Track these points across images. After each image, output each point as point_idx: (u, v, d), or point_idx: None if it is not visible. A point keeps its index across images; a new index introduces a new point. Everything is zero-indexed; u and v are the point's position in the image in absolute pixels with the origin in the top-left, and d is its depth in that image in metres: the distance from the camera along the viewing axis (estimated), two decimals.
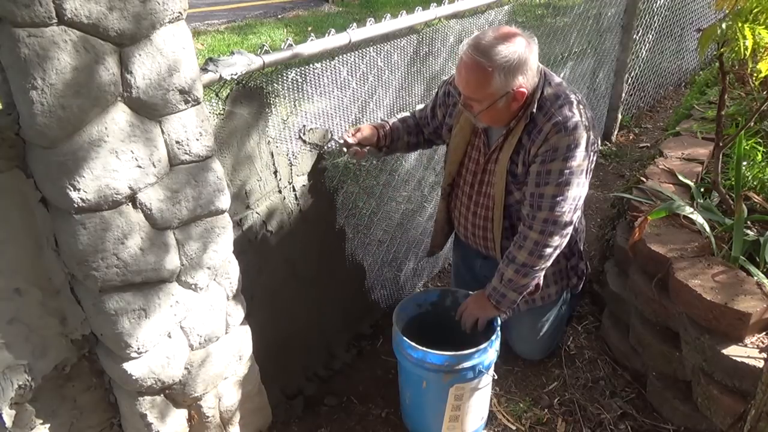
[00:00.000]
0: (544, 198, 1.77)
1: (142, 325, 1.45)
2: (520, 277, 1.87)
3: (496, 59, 1.62)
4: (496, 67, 1.63)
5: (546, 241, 1.80)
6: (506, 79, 1.65)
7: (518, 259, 1.85)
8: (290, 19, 7.79)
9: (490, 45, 1.63)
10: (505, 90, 1.68)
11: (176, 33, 1.30)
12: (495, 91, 1.67)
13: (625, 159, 3.96)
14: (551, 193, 1.76)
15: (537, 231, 1.80)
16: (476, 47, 1.64)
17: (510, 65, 1.63)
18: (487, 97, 1.69)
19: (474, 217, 2.06)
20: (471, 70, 1.67)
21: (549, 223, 1.78)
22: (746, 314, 1.69)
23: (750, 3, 1.78)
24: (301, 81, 1.83)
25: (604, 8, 3.49)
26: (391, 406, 2.20)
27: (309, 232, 2.08)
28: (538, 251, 1.82)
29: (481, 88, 1.68)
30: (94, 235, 1.29)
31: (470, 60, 1.66)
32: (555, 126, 1.73)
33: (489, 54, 1.63)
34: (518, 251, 1.85)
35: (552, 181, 1.75)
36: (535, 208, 1.80)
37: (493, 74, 1.64)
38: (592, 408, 2.12)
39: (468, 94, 1.74)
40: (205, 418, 1.74)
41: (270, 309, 2.01)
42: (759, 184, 2.31)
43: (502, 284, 1.90)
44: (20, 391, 1.38)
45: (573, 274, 2.16)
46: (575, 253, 2.12)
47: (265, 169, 1.83)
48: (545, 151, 1.75)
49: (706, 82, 3.74)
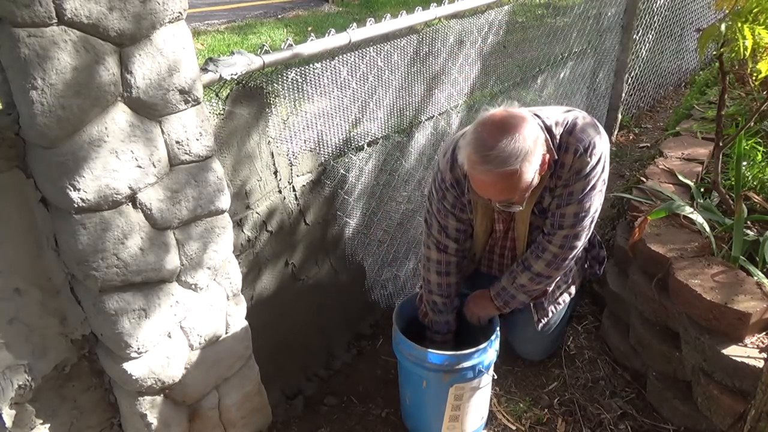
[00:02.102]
0: (566, 217, 1.75)
1: (142, 325, 1.45)
2: (533, 284, 1.88)
3: (517, 160, 1.50)
4: (521, 165, 1.51)
5: (565, 255, 1.81)
6: (532, 164, 1.54)
7: (534, 269, 1.85)
8: (290, 19, 7.79)
9: (502, 150, 1.49)
10: (536, 170, 1.58)
11: (176, 33, 1.30)
12: (529, 179, 1.56)
13: (625, 159, 3.96)
14: (573, 212, 1.74)
15: (557, 246, 1.80)
16: (491, 160, 1.50)
17: (529, 153, 1.51)
18: (525, 188, 1.59)
19: (500, 258, 2.03)
20: (500, 181, 1.55)
21: (569, 238, 1.78)
22: (746, 314, 1.69)
23: (750, 3, 1.78)
24: (301, 81, 1.83)
25: (604, 8, 3.49)
26: (391, 406, 2.20)
27: (309, 232, 2.08)
28: (555, 263, 1.83)
29: (518, 188, 1.57)
30: (94, 235, 1.29)
31: (494, 175, 1.52)
32: (575, 153, 1.67)
33: (509, 161, 1.49)
34: (535, 261, 1.84)
35: (574, 200, 1.72)
36: (556, 227, 1.78)
37: (522, 171, 1.52)
38: (592, 408, 2.12)
39: (506, 199, 1.63)
40: (205, 418, 1.74)
41: (270, 309, 2.01)
42: (759, 184, 2.30)
43: (513, 287, 1.91)
44: (20, 391, 1.38)
45: (595, 263, 2.19)
46: (595, 245, 2.15)
47: (265, 169, 1.83)
48: (570, 176, 1.70)
49: (706, 82, 3.74)
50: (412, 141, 2.46)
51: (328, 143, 2.04)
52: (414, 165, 2.51)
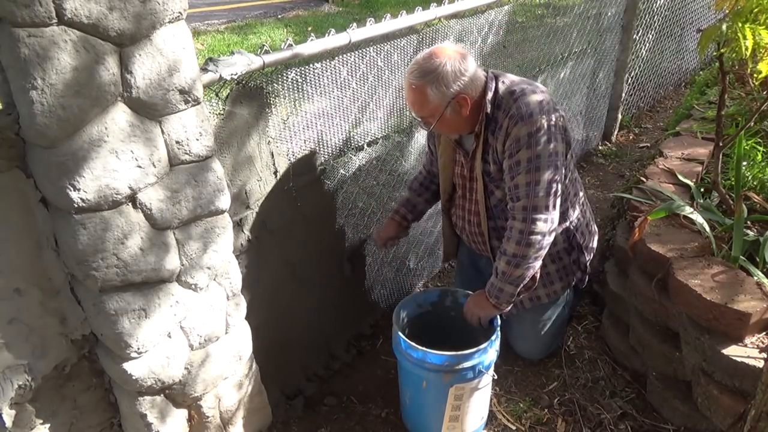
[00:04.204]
0: (519, 188, 1.83)
1: (142, 325, 1.45)
2: (512, 269, 1.89)
3: (424, 77, 1.75)
4: (426, 83, 1.75)
5: (530, 229, 1.84)
6: (441, 91, 1.76)
7: (508, 251, 1.89)
8: (290, 19, 7.79)
9: (418, 66, 1.76)
10: (446, 100, 1.78)
11: (176, 33, 1.30)
12: (437, 104, 1.78)
13: (625, 159, 3.96)
14: (524, 182, 1.82)
15: (520, 220, 1.85)
16: (409, 71, 1.78)
17: (439, 78, 1.74)
18: (433, 112, 1.80)
19: (469, 224, 2.14)
20: (409, 93, 1.81)
21: (528, 210, 1.83)
22: (746, 314, 1.69)
23: (750, 3, 1.78)
24: (301, 81, 1.83)
25: (604, 8, 3.49)
26: (391, 406, 2.20)
27: (309, 232, 2.08)
28: (524, 240, 1.85)
29: (423, 106, 1.80)
30: (94, 235, 1.29)
31: (406, 84, 1.80)
32: (511, 119, 1.80)
33: (417, 74, 1.76)
34: (507, 243, 1.89)
35: (522, 170, 1.81)
36: (514, 200, 1.87)
37: (426, 90, 1.75)
38: (592, 408, 2.12)
39: (417, 114, 1.87)
40: (205, 418, 1.74)
41: (270, 309, 2.01)
42: (759, 184, 2.31)
43: (498, 278, 1.93)
44: (20, 391, 1.38)
45: (576, 269, 2.18)
46: (575, 247, 2.14)
47: (265, 169, 1.83)
48: (510, 145, 1.82)
49: (706, 82, 3.74)
50: (412, 141, 2.46)
51: (328, 143, 2.04)
52: (414, 165, 2.51)
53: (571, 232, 2.10)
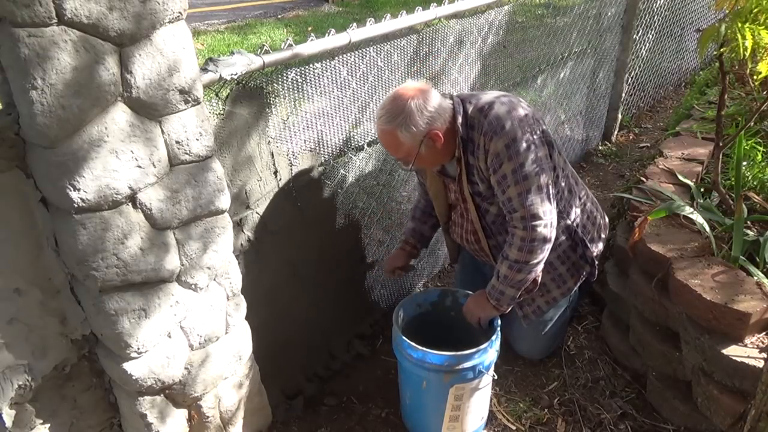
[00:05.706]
0: (513, 200, 1.84)
1: (142, 325, 1.45)
2: (514, 273, 1.89)
3: (392, 121, 1.77)
4: (395, 127, 1.76)
5: (532, 236, 1.84)
6: (411, 132, 1.77)
7: (510, 257, 1.89)
8: (290, 19, 7.79)
9: (385, 111, 1.79)
10: (418, 139, 1.79)
11: (176, 33, 1.30)
12: (410, 145, 1.80)
13: (625, 159, 3.96)
14: (515, 193, 1.82)
15: (521, 229, 1.86)
16: (378, 117, 1.81)
17: (406, 119, 1.75)
18: (408, 152, 1.82)
19: (468, 243, 2.16)
20: (382, 138, 1.84)
21: (527, 219, 1.84)
22: (746, 314, 1.69)
23: (750, 3, 1.78)
24: (301, 81, 1.83)
25: (604, 8, 3.49)
26: (391, 406, 2.20)
27: (309, 232, 2.08)
28: (526, 247, 1.86)
29: (398, 149, 1.82)
30: (94, 235, 1.29)
31: (378, 130, 1.83)
32: (486, 135, 1.81)
33: (385, 119, 1.78)
34: (509, 249, 1.90)
35: (510, 182, 1.82)
36: (510, 212, 1.87)
37: (397, 134, 1.77)
38: (592, 408, 2.12)
39: (394, 157, 1.92)
40: (205, 418, 1.74)
41: (270, 309, 2.01)
42: (759, 184, 2.31)
43: (499, 281, 1.93)
44: (20, 391, 1.38)
45: (584, 263, 2.19)
46: (578, 243, 2.14)
47: (265, 169, 1.83)
48: (491, 161, 1.83)
49: (706, 82, 3.74)
50: None
51: (328, 143, 2.04)
52: None
53: (572, 229, 2.10)
